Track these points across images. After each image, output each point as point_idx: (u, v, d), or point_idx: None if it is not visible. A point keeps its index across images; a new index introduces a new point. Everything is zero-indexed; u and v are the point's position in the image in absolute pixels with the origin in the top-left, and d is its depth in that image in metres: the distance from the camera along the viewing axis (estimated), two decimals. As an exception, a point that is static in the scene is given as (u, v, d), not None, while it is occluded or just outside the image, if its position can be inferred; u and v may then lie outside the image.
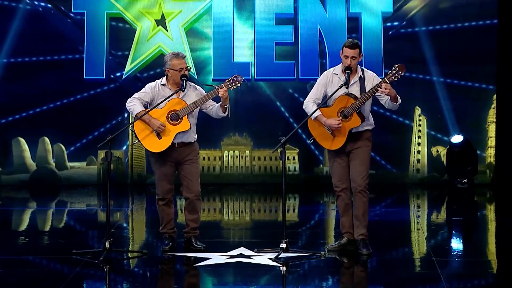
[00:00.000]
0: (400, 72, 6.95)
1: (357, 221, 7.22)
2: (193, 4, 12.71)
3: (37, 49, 12.70)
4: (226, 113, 7.36)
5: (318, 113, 7.17)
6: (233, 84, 7.30)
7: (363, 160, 7.18)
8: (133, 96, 7.32)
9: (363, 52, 7.35)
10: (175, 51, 7.43)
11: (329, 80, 7.26)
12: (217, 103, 7.38)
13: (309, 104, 7.26)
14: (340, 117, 7.10)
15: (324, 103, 7.19)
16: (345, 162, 7.25)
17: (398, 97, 7.07)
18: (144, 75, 12.63)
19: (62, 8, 12.71)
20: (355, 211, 7.24)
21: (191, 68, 7.89)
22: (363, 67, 7.29)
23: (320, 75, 7.42)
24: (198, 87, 7.47)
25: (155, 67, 12.48)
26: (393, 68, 6.99)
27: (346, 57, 7.13)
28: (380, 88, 6.94)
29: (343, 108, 7.12)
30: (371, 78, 7.16)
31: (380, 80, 7.09)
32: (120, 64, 12.69)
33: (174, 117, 7.23)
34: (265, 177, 12.90)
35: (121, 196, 11.97)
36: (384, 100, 7.17)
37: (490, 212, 10.79)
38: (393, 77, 6.96)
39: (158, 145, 7.23)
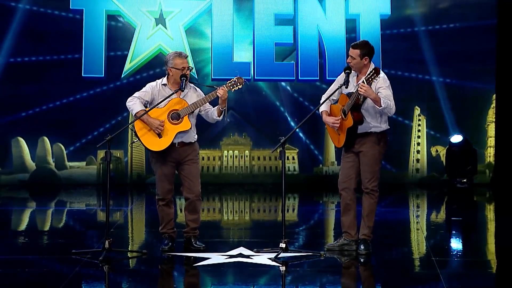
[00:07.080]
0: (375, 75, 6.94)
1: (362, 221, 7.23)
2: (193, 3, 12.71)
3: (37, 48, 12.70)
4: (222, 117, 7.35)
5: (323, 108, 7.19)
6: (235, 86, 7.29)
7: (367, 162, 7.14)
8: (134, 95, 7.30)
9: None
10: (177, 51, 7.41)
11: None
12: (214, 106, 7.37)
13: (321, 100, 7.28)
14: (342, 115, 7.13)
15: (326, 101, 7.23)
16: (353, 162, 7.22)
17: (382, 101, 6.93)
18: (143, 74, 12.63)
19: (60, 6, 12.70)
20: (362, 211, 7.24)
21: (193, 68, 7.85)
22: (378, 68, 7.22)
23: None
24: (198, 88, 7.45)
25: (154, 67, 12.47)
26: (370, 71, 6.99)
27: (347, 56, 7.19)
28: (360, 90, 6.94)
29: (343, 106, 7.16)
30: (379, 80, 7.08)
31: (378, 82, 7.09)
32: (119, 63, 12.69)
33: (175, 116, 7.22)
34: (264, 177, 12.90)
35: (121, 196, 11.97)
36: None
37: (490, 212, 10.79)
38: (370, 79, 6.95)
39: (158, 144, 7.21)
